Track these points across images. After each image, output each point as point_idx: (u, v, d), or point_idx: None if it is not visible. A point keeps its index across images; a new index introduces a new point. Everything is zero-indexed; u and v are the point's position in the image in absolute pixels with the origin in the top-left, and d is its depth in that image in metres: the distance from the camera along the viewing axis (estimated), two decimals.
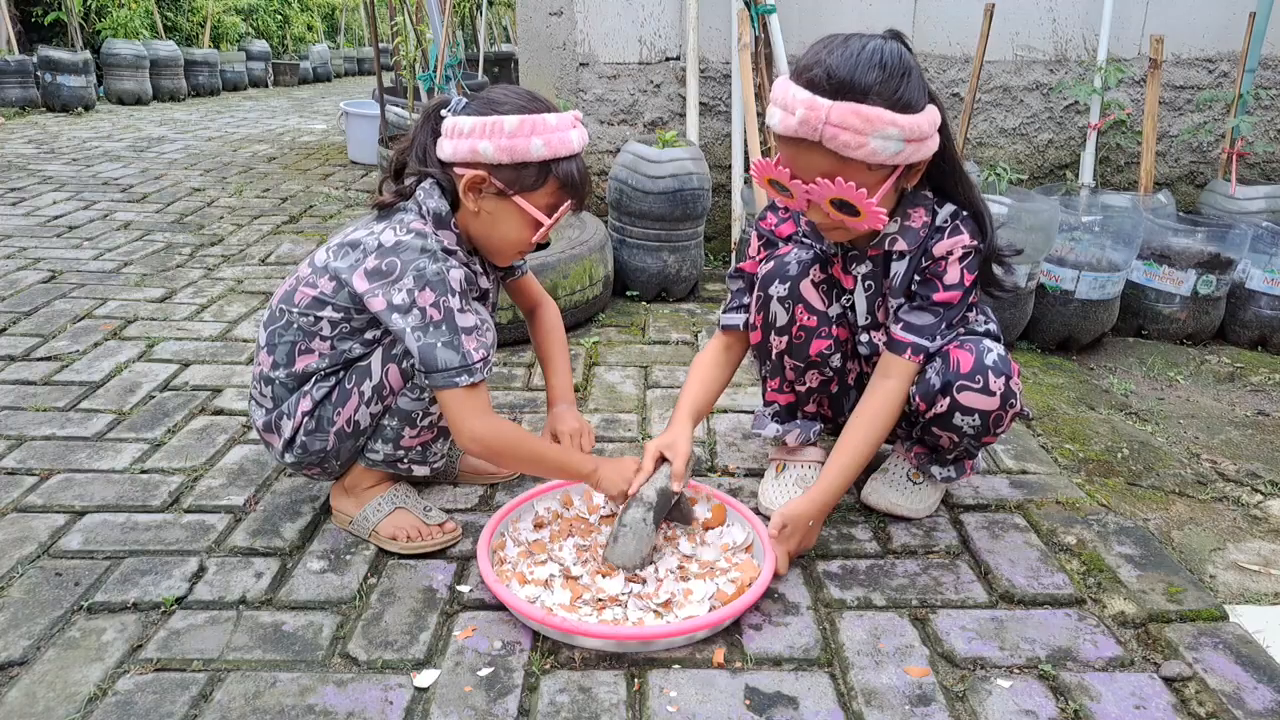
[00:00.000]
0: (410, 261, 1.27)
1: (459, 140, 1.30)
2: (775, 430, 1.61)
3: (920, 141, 1.22)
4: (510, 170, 1.30)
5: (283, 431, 1.41)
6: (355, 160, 5.14)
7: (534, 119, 1.28)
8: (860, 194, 1.21)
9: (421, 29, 4.69)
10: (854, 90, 1.17)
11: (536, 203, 1.33)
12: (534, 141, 1.28)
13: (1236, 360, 2.51)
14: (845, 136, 1.18)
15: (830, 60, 1.19)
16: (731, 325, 1.57)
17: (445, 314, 1.27)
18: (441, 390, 1.29)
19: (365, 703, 1.13)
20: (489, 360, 1.31)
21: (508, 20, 8.98)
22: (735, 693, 1.15)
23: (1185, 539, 1.55)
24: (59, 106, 6.94)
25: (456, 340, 1.27)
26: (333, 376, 1.39)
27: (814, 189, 1.24)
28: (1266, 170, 3.31)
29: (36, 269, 2.90)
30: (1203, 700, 1.15)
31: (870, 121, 1.17)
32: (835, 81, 1.18)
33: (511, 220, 1.35)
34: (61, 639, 1.23)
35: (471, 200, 1.33)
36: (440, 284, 1.27)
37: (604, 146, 3.24)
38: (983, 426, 1.41)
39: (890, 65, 1.19)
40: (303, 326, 1.37)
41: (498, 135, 1.27)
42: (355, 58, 14.42)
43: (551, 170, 1.32)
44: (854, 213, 1.25)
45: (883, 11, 3.09)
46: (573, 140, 1.32)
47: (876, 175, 1.24)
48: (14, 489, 1.60)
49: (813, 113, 1.18)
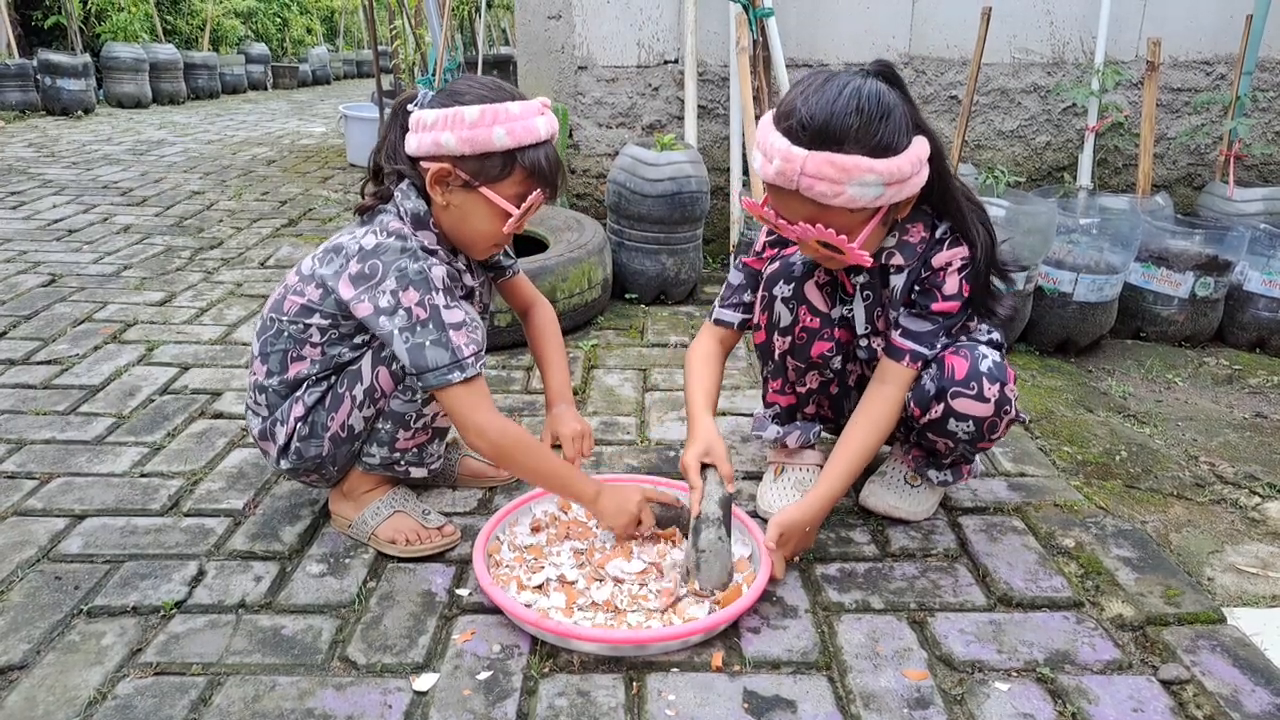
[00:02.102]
0: (391, 263, 1.27)
1: (423, 134, 1.28)
2: (776, 432, 1.62)
3: (901, 183, 1.21)
4: (474, 161, 1.28)
5: (277, 438, 1.41)
6: (354, 163, 5.14)
7: (496, 108, 1.26)
8: (841, 239, 1.22)
9: (420, 32, 4.70)
10: (829, 139, 1.17)
11: (504, 193, 1.31)
12: (496, 130, 1.26)
13: (1235, 362, 2.52)
14: (821, 186, 1.18)
15: (805, 108, 1.18)
16: (725, 321, 1.57)
17: (431, 311, 1.26)
18: (438, 390, 1.28)
19: (364, 706, 1.13)
20: (481, 355, 1.30)
21: (506, 23, 8.99)
22: (734, 696, 1.15)
23: (1183, 541, 1.55)
24: (59, 110, 6.95)
25: (444, 337, 1.26)
26: (324, 382, 1.39)
27: (798, 230, 1.26)
28: (1264, 172, 3.32)
29: (36, 272, 2.91)
30: (1200, 703, 1.15)
31: (846, 170, 1.17)
32: (810, 131, 1.18)
33: (480, 212, 1.33)
34: (61, 643, 1.23)
35: (439, 194, 1.32)
36: (423, 282, 1.27)
37: (602, 150, 3.25)
38: (977, 433, 1.41)
39: (868, 110, 1.17)
40: (293, 334, 1.37)
41: (459, 126, 1.25)
42: (354, 61, 14.43)
43: (517, 159, 1.29)
44: (839, 250, 1.26)
45: (880, 15, 3.10)
46: (538, 127, 1.28)
47: (859, 217, 1.25)
48: (14, 493, 1.60)
49: (789, 164, 1.19)
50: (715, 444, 1.42)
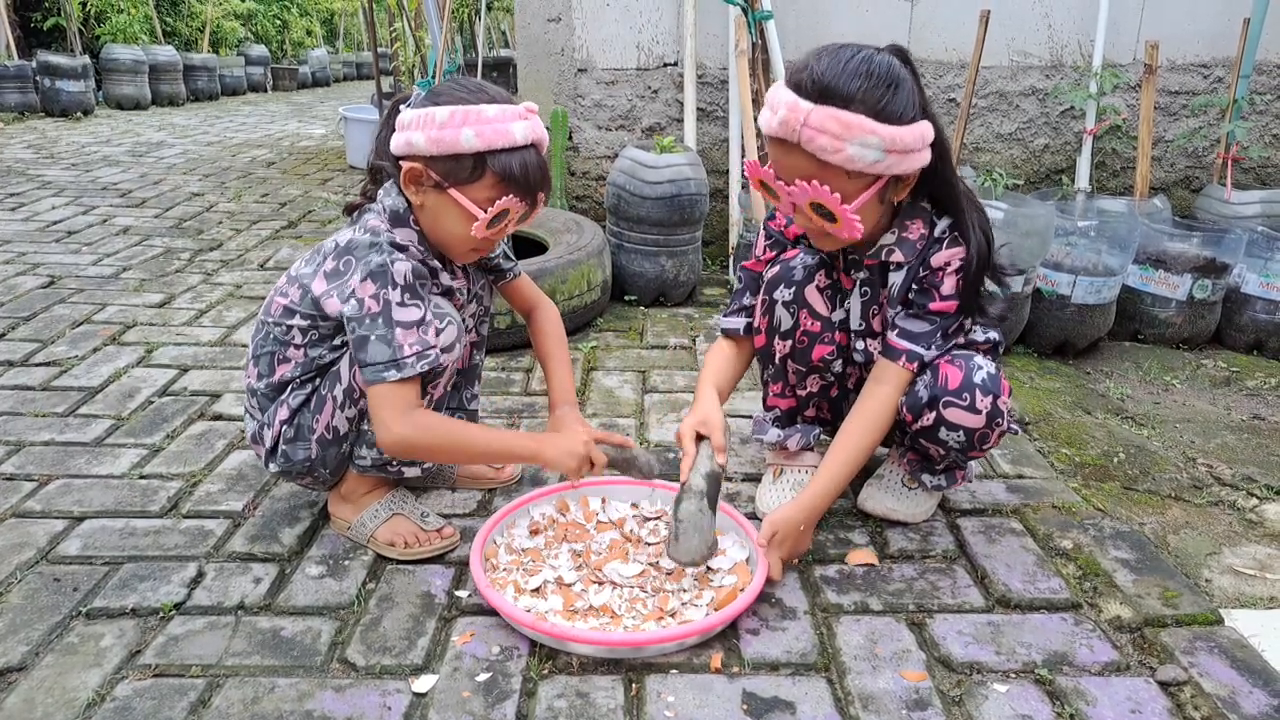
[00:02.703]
0: (361, 258, 1.28)
1: (400, 133, 1.29)
2: (776, 436, 1.62)
3: (904, 154, 1.22)
4: (444, 162, 1.27)
5: (265, 441, 1.42)
6: (354, 165, 5.15)
7: (467, 109, 1.24)
8: (834, 199, 1.22)
9: (420, 34, 4.70)
10: (836, 96, 1.19)
11: (474, 196, 1.29)
12: (464, 132, 1.24)
13: (1232, 364, 2.52)
14: (822, 140, 1.19)
15: (818, 66, 1.21)
16: (731, 329, 1.58)
17: (383, 306, 1.26)
18: (369, 385, 1.27)
19: (364, 708, 1.13)
20: (424, 356, 1.27)
21: (506, 25, 9.00)
22: (732, 698, 1.15)
23: (1181, 543, 1.56)
24: (58, 111, 6.95)
25: (390, 334, 1.25)
26: (308, 385, 1.40)
27: (794, 191, 1.25)
28: (1261, 175, 3.33)
29: (35, 274, 2.91)
30: (1198, 704, 1.15)
31: (849, 127, 1.18)
32: (819, 86, 1.20)
33: (451, 214, 1.31)
34: (60, 644, 1.23)
35: (413, 193, 1.32)
36: (381, 275, 1.26)
37: (602, 152, 3.25)
38: (968, 442, 1.41)
39: (877, 75, 1.19)
40: (277, 336, 1.38)
41: (429, 126, 1.25)
42: (354, 63, 14.43)
43: (488, 162, 1.26)
44: (832, 218, 1.26)
45: (879, 17, 3.10)
46: (513, 132, 1.26)
47: (856, 183, 1.25)
48: (13, 494, 1.60)
49: (793, 114, 1.20)
50: (713, 416, 1.41)
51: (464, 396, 1.62)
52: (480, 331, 1.60)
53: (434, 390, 1.37)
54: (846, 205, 1.24)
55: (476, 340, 1.60)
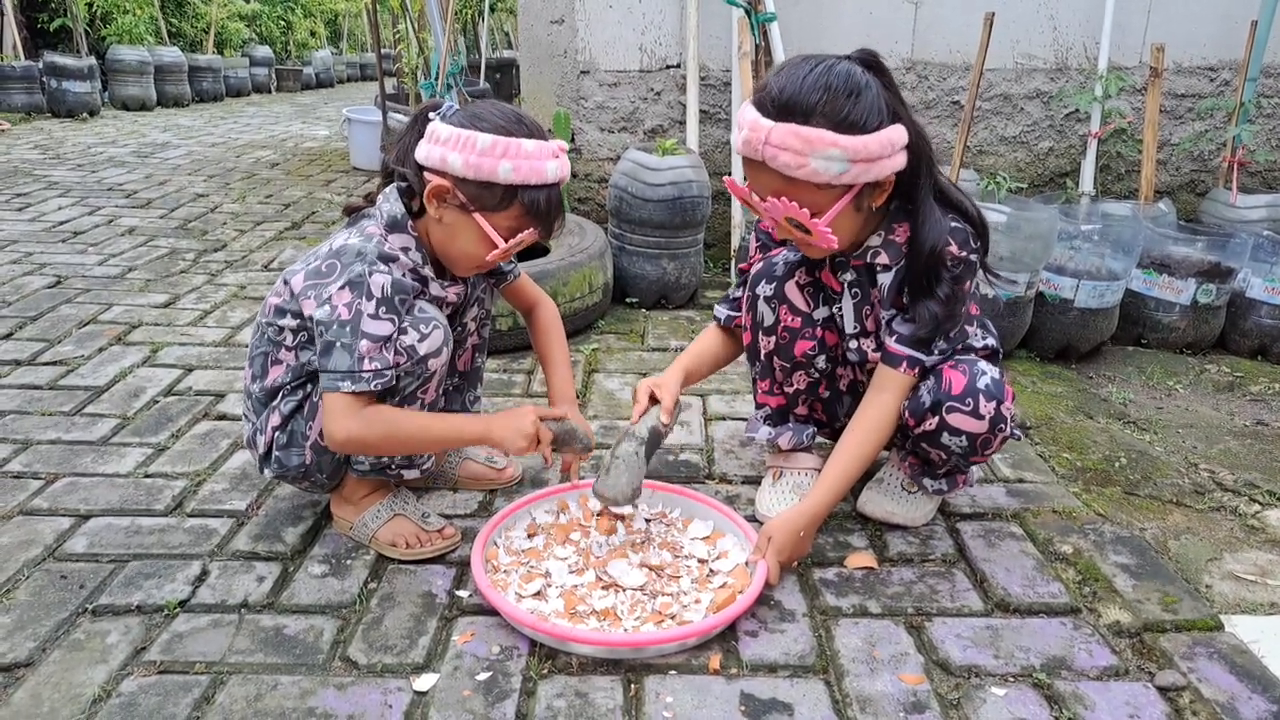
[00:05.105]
0: (346, 264, 1.29)
1: (434, 146, 1.29)
2: (768, 433, 1.63)
3: (870, 162, 1.22)
4: (475, 186, 1.29)
5: (259, 446, 1.43)
6: (358, 166, 5.16)
7: (508, 142, 1.26)
8: (804, 214, 1.24)
9: (424, 36, 4.71)
10: (796, 111, 1.20)
11: (497, 224, 1.31)
12: (502, 164, 1.26)
13: (1236, 369, 2.52)
14: (785, 157, 1.20)
15: (777, 82, 1.22)
16: (716, 315, 1.65)
17: (354, 316, 1.26)
18: (325, 391, 1.28)
19: (365, 706, 1.14)
20: (381, 375, 1.27)
21: (509, 27, 9.02)
22: (731, 699, 1.16)
23: (1182, 549, 1.56)
24: (64, 112, 6.98)
25: (354, 345, 1.25)
26: (300, 390, 1.40)
27: (769, 207, 1.27)
28: (1268, 179, 3.32)
29: (42, 274, 2.92)
30: (1197, 710, 1.16)
31: (810, 142, 1.19)
32: (779, 103, 1.21)
33: (469, 235, 1.33)
34: (66, 641, 1.24)
35: (434, 207, 1.32)
36: (359, 285, 1.27)
37: (604, 154, 3.26)
38: (970, 447, 1.42)
39: (836, 86, 1.19)
40: (270, 336, 1.39)
41: (468, 150, 1.26)
42: (358, 64, 14.47)
43: (518, 196, 1.29)
44: (807, 231, 1.27)
45: (882, 20, 3.11)
46: (547, 170, 1.28)
47: (827, 195, 1.25)
48: (20, 492, 1.61)
49: (755, 133, 1.21)
50: (670, 385, 1.50)
51: (466, 399, 1.63)
52: (482, 334, 1.60)
53: (424, 395, 1.37)
54: (818, 218, 1.25)
55: (478, 343, 1.61)
